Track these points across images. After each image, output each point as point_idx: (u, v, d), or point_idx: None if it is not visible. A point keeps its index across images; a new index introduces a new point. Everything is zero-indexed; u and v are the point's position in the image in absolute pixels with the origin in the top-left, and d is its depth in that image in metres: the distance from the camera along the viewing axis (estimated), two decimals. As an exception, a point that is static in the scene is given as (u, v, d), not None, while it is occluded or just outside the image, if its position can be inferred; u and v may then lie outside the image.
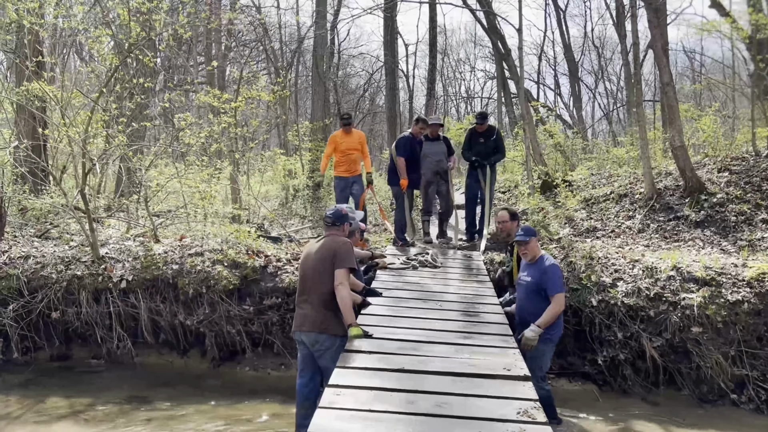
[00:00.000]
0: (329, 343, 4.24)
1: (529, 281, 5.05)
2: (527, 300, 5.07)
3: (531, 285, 5.03)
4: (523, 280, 5.12)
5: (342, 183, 8.67)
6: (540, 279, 4.97)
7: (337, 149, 8.61)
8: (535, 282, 4.99)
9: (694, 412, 5.75)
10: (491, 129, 8.68)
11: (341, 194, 8.66)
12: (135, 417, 5.40)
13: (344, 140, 8.58)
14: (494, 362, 3.84)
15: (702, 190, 8.96)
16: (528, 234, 5.09)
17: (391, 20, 15.47)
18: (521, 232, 5.11)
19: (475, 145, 8.62)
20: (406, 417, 3.01)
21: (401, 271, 6.56)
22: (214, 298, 6.88)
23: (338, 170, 8.70)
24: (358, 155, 8.66)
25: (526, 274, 5.11)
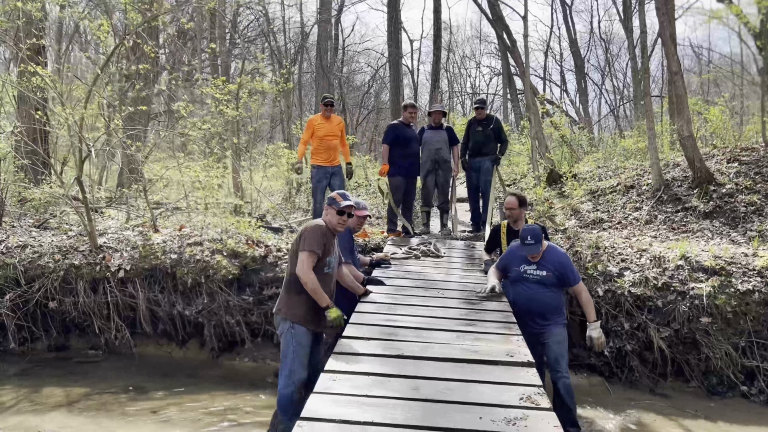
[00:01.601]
0: (281, 325, 4.20)
1: (544, 275, 4.80)
2: (541, 293, 4.82)
3: (548, 279, 4.80)
4: (535, 275, 4.84)
5: (320, 173, 7.79)
6: (559, 271, 4.79)
7: (314, 135, 7.78)
8: (554, 275, 4.79)
9: (704, 404, 5.60)
10: (490, 117, 8.47)
11: (318, 185, 7.81)
12: (131, 407, 5.30)
13: (323, 125, 7.80)
14: (497, 348, 3.71)
15: (711, 181, 8.79)
16: (539, 240, 4.76)
17: (395, 11, 15.32)
18: (531, 241, 4.74)
19: (474, 134, 8.38)
20: (405, 402, 2.89)
21: (403, 261, 6.43)
22: (213, 287, 6.78)
23: (316, 158, 7.83)
24: (337, 143, 7.91)
25: (534, 268, 4.85)
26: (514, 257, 5.01)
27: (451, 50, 37.70)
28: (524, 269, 4.90)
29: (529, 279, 4.87)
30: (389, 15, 15.45)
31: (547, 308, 4.81)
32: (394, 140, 7.81)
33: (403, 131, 7.86)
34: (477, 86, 41.52)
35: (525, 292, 4.88)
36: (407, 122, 7.94)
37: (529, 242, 4.75)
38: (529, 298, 4.86)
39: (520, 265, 4.93)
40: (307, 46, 27.01)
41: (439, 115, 8.34)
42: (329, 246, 4.31)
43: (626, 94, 30.96)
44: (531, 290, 4.85)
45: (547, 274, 4.81)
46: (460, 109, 39.19)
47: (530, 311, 4.83)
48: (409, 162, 7.87)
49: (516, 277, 4.96)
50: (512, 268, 5.00)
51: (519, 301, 4.91)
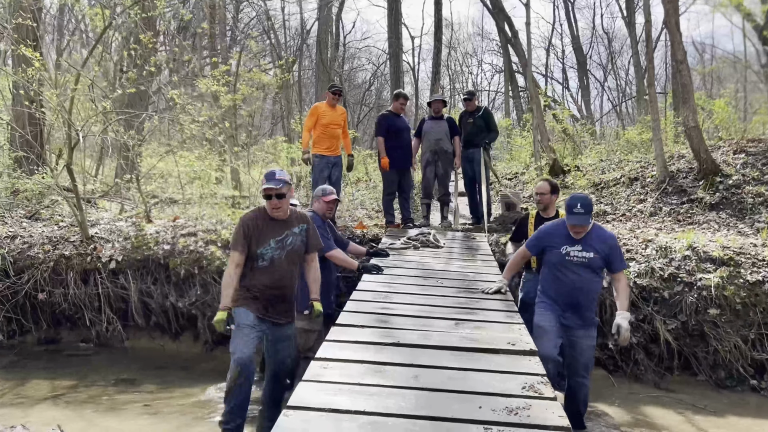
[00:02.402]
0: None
1: (591, 257, 4.12)
2: (587, 280, 4.17)
3: (595, 261, 4.12)
4: (581, 257, 4.14)
5: (322, 162, 7.42)
6: (606, 253, 4.13)
7: (318, 122, 7.41)
8: (601, 257, 4.13)
9: (712, 398, 5.41)
10: (479, 108, 8.35)
11: (320, 175, 7.39)
12: (119, 400, 5.13)
13: (327, 113, 7.46)
14: (498, 337, 3.53)
15: (717, 172, 8.60)
16: (589, 211, 4.04)
17: (395, 2, 15.13)
18: (581, 209, 3.99)
19: (465, 126, 8.25)
20: (400, 391, 2.71)
21: (401, 251, 6.25)
22: (207, 279, 6.61)
23: (318, 147, 7.44)
24: (339, 132, 7.61)
25: (579, 249, 4.14)
26: (554, 235, 4.25)
27: (453, 48, 37.52)
28: (567, 250, 4.17)
29: (573, 262, 4.16)
30: (390, 6, 15.26)
31: (591, 299, 4.24)
32: (386, 132, 7.64)
33: (393, 122, 7.68)
34: (478, 84, 41.34)
35: (567, 278, 4.19)
36: (397, 112, 7.75)
37: (578, 211, 4.00)
38: (572, 285, 4.19)
39: (562, 245, 4.19)
40: (308, 43, 26.93)
41: (440, 104, 8.11)
42: (262, 237, 3.97)
43: (628, 92, 30.80)
44: (575, 276, 4.16)
45: (594, 255, 4.13)
46: (461, 107, 39.03)
47: (571, 302, 4.21)
48: (401, 153, 7.66)
49: (556, 261, 4.23)
50: (551, 250, 4.25)
51: (560, 289, 4.25)
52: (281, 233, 4.06)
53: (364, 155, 17.73)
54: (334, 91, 7.64)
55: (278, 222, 4.06)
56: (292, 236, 4.12)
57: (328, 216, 5.28)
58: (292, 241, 4.11)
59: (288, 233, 4.09)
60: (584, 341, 4.24)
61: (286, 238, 4.08)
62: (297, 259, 4.19)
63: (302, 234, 4.19)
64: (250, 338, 3.90)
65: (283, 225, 4.08)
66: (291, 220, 4.15)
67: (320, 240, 4.37)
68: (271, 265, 4.02)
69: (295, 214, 4.20)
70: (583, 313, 4.23)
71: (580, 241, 4.14)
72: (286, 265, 4.08)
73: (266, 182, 3.96)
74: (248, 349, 3.87)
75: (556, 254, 4.22)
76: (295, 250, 4.13)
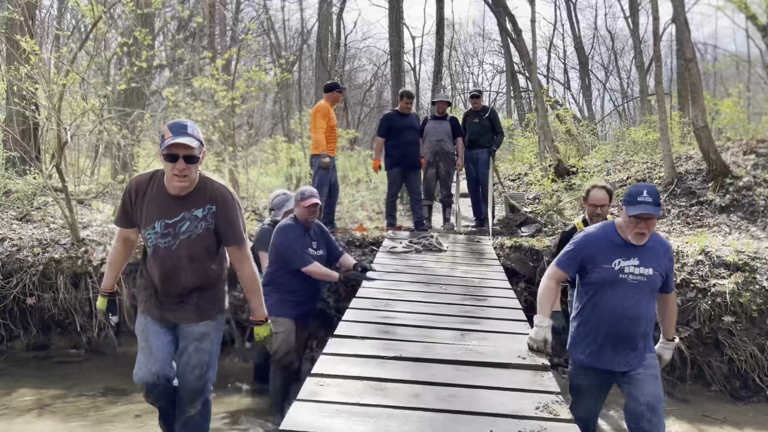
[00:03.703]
0: None
1: (651, 274, 3.13)
2: (644, 305, 3.17)
3: (655, 280, 3.16)
4: (638, 274, 3.13)
5: (330, 164, 7.20)
6: (667, 267, 3.23)
7: (328, 124, 7.14)
8: (661, 274, 3.19)
9: (727, 409, 5.17)
10: (485, 108, 8.23)
11: (326, 176, 7.13)
12: (108, 411, 4.90)
13: (332, 113, 7.28)
14: (506, 349, 3.31)
15: (727, 173, 8.37)
16: (658, 202, 3.08)
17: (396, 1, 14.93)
18: (648, 197, 3.03)
19: (470, 125, 8.14)
20: (402, 412, 2.48)
21: (403, 255, 6.03)
22: (202, 283, 6.37)
23: (330, 146, 7.19)
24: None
25: (637, 264, 3.13)
26: (601, 244, 3.19)
27: (454, 48, 37.32)
28: (620, 265, 3.13)
29: (627, 281, 3.13)
30: (390, 5, 15.07)
31: (647, 329, 3.23)
32: (387, 132, 7.42)
33: (396, 121, 7.45)
34: (479, 84, 41.17)
35: (617, 303, 3.14)
36: (403, 112, 7.52)
37: (645, 199, 3.02)
38: (624, 314, 3.14)
39: (613, 258, 3.14)
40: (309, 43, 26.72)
41: (444, 104, 7.95)
42: (148, 214, 2.99)
43: (630, 93, 30.61)
44: (630, 301, 3.13)
45: (654, 273, 3.15)
46: (462, 107, 38.84)
47: (620, 336, 3.19)
48: (403, 152, 7.39)
49: (604, 281, 3.17)
50: (598, 265, 3.17)
51: (606, 317, 3.19)
52: (175, 214, 2.96)
53: (364, 156, 17.54)
54: (340, 90, 7.41)
55: (174, 198, 2.95)
56: (191, 221, 2.98)
57: (310, 221, 4.80)
58: (190, 228, 2.99)
59: (185, 216, 2.97)
60: (644, 370, 3.22)
61: (181, 223, 2.97)
62: (203, 253, 3.07)
63: (208, 218, 3.00)
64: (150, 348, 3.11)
65: (181, 203, 2.96)
66: (193, 196, 2.97)
67: (241, 231, 3.09)
68: (158, 257, 3.03)
69: (203, 187, 3.00)
70: (633, 347, 3.22)
71: (637, 251, 3.13)
72: (184, 261, 3.04)
73: (172, 136, 2.78)
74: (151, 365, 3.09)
75: (605, 272, 3.15)
76: (196, 240, 3.01)
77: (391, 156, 7.43)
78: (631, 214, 3.06)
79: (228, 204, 3.02)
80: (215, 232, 3.05)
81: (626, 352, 3.21)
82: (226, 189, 3.06)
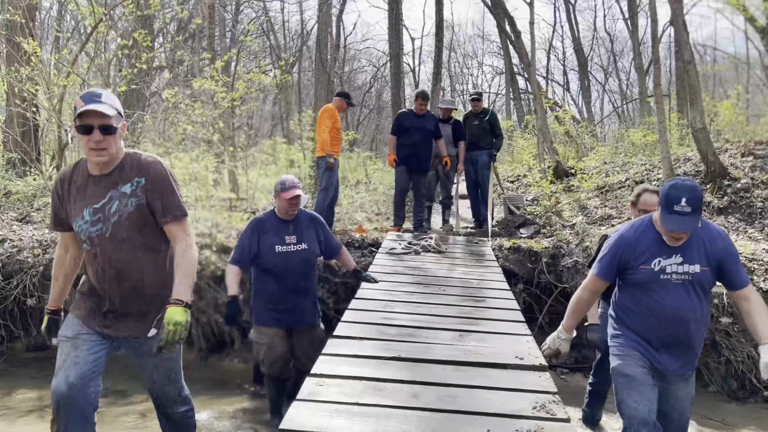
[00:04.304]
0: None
1: (696, 272, 2.81)
2: (688, 307, 2.85)
3: (703, 277, 2.83)
4: (682, 273, 2.82)
5: (336, 164, 7.33)
6: (720, 260, 2.85)
7: (334, 125, 7.28)
8: (712, 269, 2.85)
9: (724, 409, 5.20)
10: (486, 110, 8.31)
11: (332, 177, 7.27)
12: (109, 411, 4.92)
13: (337, 116, 7.44)
14: (505, 350, 3.33)
15: (725, 175, 8.40)
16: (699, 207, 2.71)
17: (396, 2, 14.97)
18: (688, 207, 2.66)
19: (470, 128, 8.21)
20: (401, 411, 2.51)
21: (402, 256, 6.06)
22: (202, 285, 6.40)
23: (335, 149, 7.35)
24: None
25: (680, 262, 2.81)
26: (639, 244, 2.89)
27: (453, 49, 37.39)
28: (661, 265, 2.84)
29: (670, 281, 2.83)
30: (390, 6, 15.11)
31: (698, 334, 2.94)
32: (396, 130, 7.47)
33: (406, 120, 7.45)
34: (479, 85, 41.23)
35: (661, 304, 2.87)
36: (416, 112, 7.50)
37: (683, 209, 2.65)
38: (670, 315, 2.86)
39: (653, 257, 2.85)
40: (308, 45, 26.80)
41: (448, 111, 8.15)
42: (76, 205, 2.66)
43: (629, 94, 30.67)
44: (674, 301, 2.85)
45: (701, 269, 2.82)
46: (462, 109, 38.90)
47: (667, 340, 2.91)
48: (409, 152, 7.37)
49: (645, 281, 2.88)
50: (636, 267, 2.89)
51: (649, 322, 2.92)
52: (102, 195, 2.62)
53: (363, 157, 17.58)
54: (349, 101, 7.65)
55: (98, 179, 2.63)
56: (120, 199, 2.62)
57: (291, 214, 4.31)
58: (120, 207, 2.61)
59: (112, 195, 2.62)
60: (681, 391, 3.00)
61: (109, 204, 2.62)
62: (141, 236, 2.67)
63: (138, 193, 2.63)
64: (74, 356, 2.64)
65: (106, 183, 2.63)
66: (119, 172, 2.63)
67: (178, 201, 2.71)
68: (94, 249, 2.65)
69: (129, 161, 2.66)
70: (685, 353, 2.95)
71: (680, 248, 2.82)
72: (122, 248, 2.64)
73: (84, 104, 2.47)
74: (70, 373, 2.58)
75: (645, 272, 2.86)
76: (129, 220, 2.62)
77: (399, 155, 7.45)
78: (665, 225, 2.73)
79: (159, 173, 2.67)
80: (149, 208, 2.65)
81: (668, 352, 2.93)
82: (156, 160, 2.72)
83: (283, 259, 4.23)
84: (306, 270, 4.37)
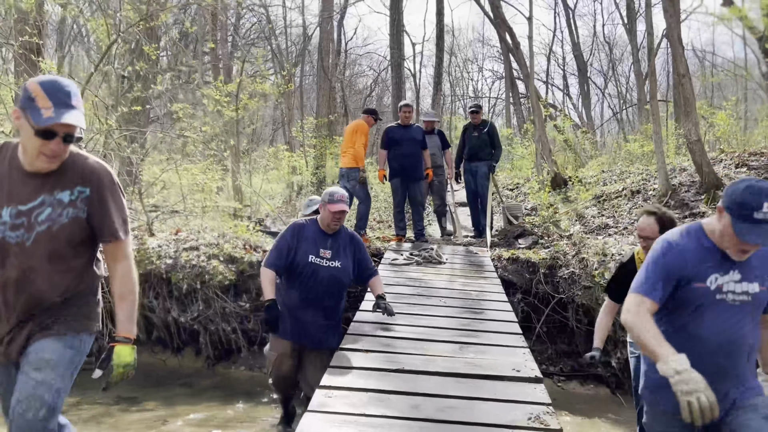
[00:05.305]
0: None
1: (756, 292, 2.33)
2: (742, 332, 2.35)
3: (760, 297, 2.35)
4: (741, 293, 2.32)
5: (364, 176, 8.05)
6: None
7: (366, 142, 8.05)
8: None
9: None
10: (485, 122, 8.59)
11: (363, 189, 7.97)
12: (122, 419, 5.12)
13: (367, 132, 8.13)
14: (502, 362, 3.53)
15: (719, 186, 8.59)
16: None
17: (397, 14, 15.19)
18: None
19: (470, 139, 8.51)
20: (405, 422, 2.70)
21: (404, 267, 6.26)
22: (209, 294, 6.60)
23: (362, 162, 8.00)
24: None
25: (738, 279, 2.33)
26: (692, 258, 2.34)
27: (453, 53, 37.59)
28: (718, 282, 2.33)
29: (725, 302, 2.34)
30: (391, 18, 15.34)
31: (750, 359, 2.45)
32: (388, 143, 7.72)
33: (395, 133, 7.77)
34: (479, 90, 41.42)
35: (712, 329, 2.35)
36: (403, 123, 7.80)
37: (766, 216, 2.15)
38: (722, 341, 2.34)
39: (708, 274, 2.34)
40: (309, 49, 27.00)
41: (431, 123, 8.61)
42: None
43: (629, 98, 30.89)
44: (728, 324, 2.35)
45: (761, 289, 2.36)
46: (462, 113, 39.10)
47: (719, 369, 2.34)
48: (401, 164, 7.66)
49: (699, 301, 2.35)
50: (689, 284, 2.35)
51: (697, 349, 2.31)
52: (31, 197, 2.21)
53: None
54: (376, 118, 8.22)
55: (30, 177, 2.22)
56: (53, 206, 2.24)
57: (333, 227, 4.15)
58: (51, 216, 2.23)
59: (45, 200, 2.23)
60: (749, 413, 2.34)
61: (39, 210, 2.22)
62: (69, 251, 2.31)
63: (78, 204, 2.27)
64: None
65: (39, 183, 2.22)
66: (57, 175, 2.24)
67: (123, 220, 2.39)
68: (2, 255, 2.24)
69: (72, 164, 2.27)
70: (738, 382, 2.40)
71: (738, 262, 2.34)
72: (42, 261, 2.25)
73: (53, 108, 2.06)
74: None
75: (698, 292, 2.35)
76: (60, 233, 2.25)
77: (392, 167, 7.74)
78: (744, 240, 2.19)
79: (106, 186, 2.30)
80: (88, 222, 2.29)
81: (724, 391, 2.34)
82: (103, 167, 2.33)
83: (311, 271, 4.04)
84: (333, 289, 4.15)
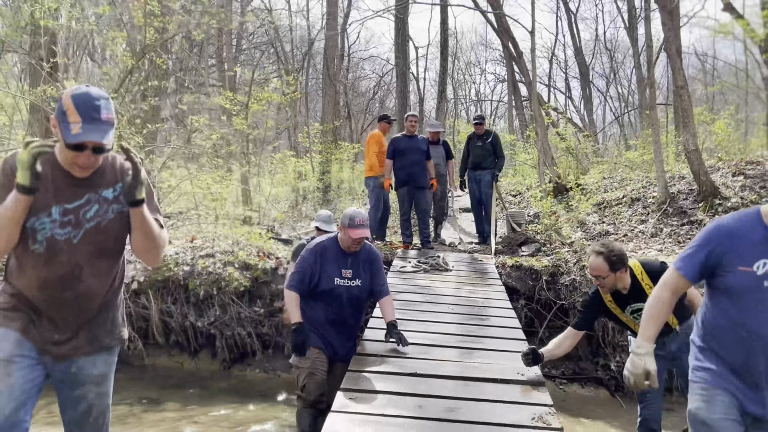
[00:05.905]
0: None
1: None
2: None
3: None
4: None
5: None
6: None
7: (380, 149, 8.46)
8: None
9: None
10: (488, 132, 8.91)
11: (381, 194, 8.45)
12: (145, 419, 5.40)
13: (383, 140, 8.57)
14: (507, 366, 3.81)
15: (716, 195, 8.87)
16: None
17: (402, 23, 15.48)
18: None
19: (474, 149, 8.85)
20: (417, 422, 2.99)
21: (412, 275, 6.54)
22: (225, 299, 6.89)
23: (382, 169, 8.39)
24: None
25: None
26: (740, 241, 2.26)
27: (456, 57, 37.88)
28: (766, 269, 2.21)
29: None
30: (396, 26, 15.62)
31: None
32: (393, 153, 8.00)
33: (400, 143, 8.06)
34: (482, 93, 41.79)
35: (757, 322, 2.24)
36: (409, 133, 8.09)
37: None
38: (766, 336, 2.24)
39: (755, 259, 2.23)
40: (312, 52, 27.31)
41: (437, 134, 8.95)
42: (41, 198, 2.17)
43: (631, 101, 31.15)
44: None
45: None
46: (464, 115, 39.39)
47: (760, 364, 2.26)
48: (407, 173, 7.96)
49: (743, 287, 2.25)
50: (734, 267, 2.26)
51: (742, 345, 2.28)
52: (77, 196, 2.24)
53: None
54: (389, 121, 8.74)
55: (74, 177, 2.23)
56: (99, 203, 2.28)
57: (352, 251, 4.17)
58: (98, 212, 2.28)
59: (91, 197, 2.27)
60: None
61: (86, 207, 2.26)
62: (114, 248, 2.35)
63: (121, 199, 2.31)
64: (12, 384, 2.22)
65: (84, 182, 2.25)
66: (100, 174, 2.29)
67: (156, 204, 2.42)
68: (50, 252, 2.21)
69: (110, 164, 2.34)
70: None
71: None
72: (89, 258, 2.28)
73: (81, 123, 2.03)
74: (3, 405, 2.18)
75: (744, 277, 2.25)
76: (104, 228, 2.29)
77: (398, 177, 8.02)
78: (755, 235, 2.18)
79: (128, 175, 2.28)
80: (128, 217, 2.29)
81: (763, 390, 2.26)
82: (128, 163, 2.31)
83: (336, 294, 4.11)
84: (355, 308, 4.25)
